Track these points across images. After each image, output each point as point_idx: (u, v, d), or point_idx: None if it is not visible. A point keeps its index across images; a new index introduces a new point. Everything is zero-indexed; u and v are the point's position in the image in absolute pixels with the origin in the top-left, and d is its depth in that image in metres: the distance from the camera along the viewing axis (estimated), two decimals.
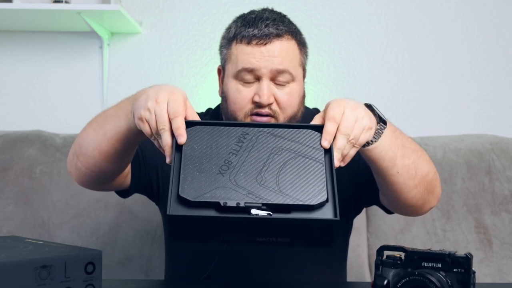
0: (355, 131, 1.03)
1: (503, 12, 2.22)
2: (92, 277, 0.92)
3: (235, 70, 1.31)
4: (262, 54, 1.29)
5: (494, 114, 2.22)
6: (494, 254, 1.89)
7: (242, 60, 1.30)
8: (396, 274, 0.95)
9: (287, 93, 1.31)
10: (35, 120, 2.23)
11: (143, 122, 1.03)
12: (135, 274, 1.87)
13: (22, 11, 1.97)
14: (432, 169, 1.23)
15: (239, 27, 1.32)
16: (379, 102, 2.19)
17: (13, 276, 0.84)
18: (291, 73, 1.31)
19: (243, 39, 1.30)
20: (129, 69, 2.23)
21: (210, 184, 0.94)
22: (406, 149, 1.16)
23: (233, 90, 1.32)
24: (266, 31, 1.29)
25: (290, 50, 1.32)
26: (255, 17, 1.32)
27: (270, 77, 1.30)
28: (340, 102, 1.09)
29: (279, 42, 1.30)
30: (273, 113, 1.31)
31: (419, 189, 1.19)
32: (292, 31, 1.34)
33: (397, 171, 1.14)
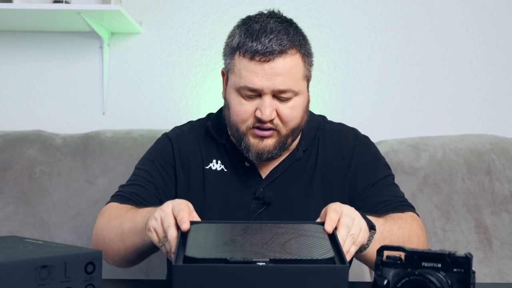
0: (354, 228, 1.07)
1: (503, 12, 2.22)
2: (92, 277, 0.92)
3: (238, 85, 1.31)
4: (264, 72, 1.27)
5: (494, 114, 2.22)
6: (494, 254, 1.89)
7: (245, 77, 1.29)
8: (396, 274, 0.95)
9: (289, 107, 1.31)
10: (35, 120, 2.23)
11: (151, 231, 1.10)
12: (135, 274, 1.87)
13: (22, 11, 1.97)
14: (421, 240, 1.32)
15: (243, 38, 1.30)
16: (379, 102, 2.21)
17: (13, 276, 0.84)
18: (293, 91, 1.30)
19: (246, 53, 1.28)
20: (129, 69, 2.23)
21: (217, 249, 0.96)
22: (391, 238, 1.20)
23: (235, 102, 1.32)
24: (269, 47, 1.27)
25: (293, 67, 1.30)
26: (259, 29, 1.29)
27: (272, 94, 1.30)
28: (339, 204, 1.10)
29: (282, 60, 1.28)
30: (275, 127, 1.31)
31: None
32: (297, 44, 1.31)
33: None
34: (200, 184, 1.40)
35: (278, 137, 1.32)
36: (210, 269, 0.92)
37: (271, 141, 1.32)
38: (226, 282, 0.90)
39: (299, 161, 1.41)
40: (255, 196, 1.36)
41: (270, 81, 1.27)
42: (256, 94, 1.30)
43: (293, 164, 1.40)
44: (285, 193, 1.37)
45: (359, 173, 1.40)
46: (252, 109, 1.30)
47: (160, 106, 2.23)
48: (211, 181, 1.40)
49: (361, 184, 1.39)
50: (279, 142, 1.33)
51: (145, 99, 2.23)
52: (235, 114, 1.33)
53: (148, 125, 2.16)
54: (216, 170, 1.40)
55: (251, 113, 1.30)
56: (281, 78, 1.28)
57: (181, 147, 1.43)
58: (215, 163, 1.41)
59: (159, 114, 2.22)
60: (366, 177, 1.40)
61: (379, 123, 2.21)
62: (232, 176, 1.40)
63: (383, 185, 1.40)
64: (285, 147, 1.35)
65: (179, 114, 2.22)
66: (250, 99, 1.30)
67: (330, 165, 1.41)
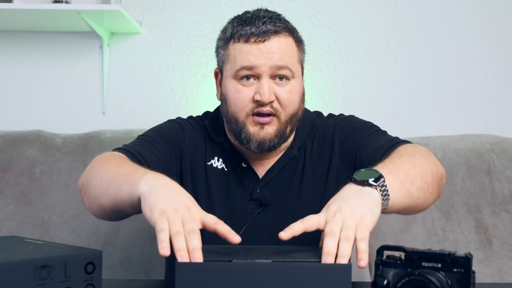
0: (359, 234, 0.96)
1: (503, 12, 2.22)
2: (92, 277, 0.92)
3: (234, 70, 1.30)
4: (260, 52, 1.28)
5: (494, 114, 2.22)
6: (494, 254, 1.88)
7: (241, 59, 1.29)
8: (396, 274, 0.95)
9: (288, 91, 1.31)
10: (35, 120, 2.23)
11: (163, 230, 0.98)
12: (135, 274, 1.88)
13: (22, 11, 1.97)
14: (433, 163, 1.22)
15: (236, 26, 1.31)
16: (379, 102, 2.21)
17: (13, 276, 0.84)
18: (290, 69, 1.31)
19: (240, 37, 1.29)
20: (129, 69, 2.23)
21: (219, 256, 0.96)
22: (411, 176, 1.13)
23: (232, 90, 1.31)
24: (263, 28, 1.28)
25: (289, 47, 1.32)
26: (251, 16, 1.32)
27: (270, 74, 1.29)
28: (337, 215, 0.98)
29: (277, 39, 1.30)
30: (274, 112, 1.30)
31: (435, 190, 1.21)
32: (289, 28, 1.35)
33: (417, 198, 1.15)
34: (204, 179, 1.38)
35: (277, 124, 1.31)
36: (213, 267, 0.92)
37: (271, 129, 1.31)
38: (229, 281, 0.90)
39: (294, 160, 1.40)
40: (252, 197, 1.36)
41: (267, 59, 1.28)
42: (253, 76, 1.29)
43: (288, 163, 1.39)
44: (281, 193, 1.36)
45: (345, 145, 1.38)
46: (250, 94, 1.29)
47: (160, 106, 2.23)
48: (212, 178, 1.39)
49: (351, 153, 1.36)
50: (279, 130, 1.31)
51: (145, 99, 2.23)
52: (233, 103, 1.31)
53: (148, 125, 2.14)
54: (217, 168, 1.40)
55: (250, 98, 1.29)
56: (278, 55, 1.29)
57: (190, 136, 1.42)
58: (216, 160, 1.40)
59: (159, 114, 2.22)
60: (353, 144, 1.37)
61: (379, 123, 2.19)
62: (231, 175, 1.39)
63: (370, 138, 1.37)
64: (284, 136, 1.33)
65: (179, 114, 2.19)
66: (248, 83, 1.29)
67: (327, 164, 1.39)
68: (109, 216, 1.22)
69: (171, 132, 1.41)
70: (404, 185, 1.10)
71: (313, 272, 0.91)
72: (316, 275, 0.90)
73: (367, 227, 0.97)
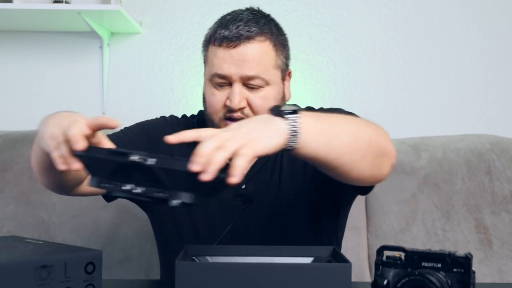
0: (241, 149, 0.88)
1: (503, 12, 2.22)
2: (92, 277, 0.92)
3: (209, 74, 1.31)
4: (232, 58, 1.27)
5: (494, 114, 2.22)
6: (494, 254, 1.89)
7: (215, 64, 1.29)
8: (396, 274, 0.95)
9: (260, 97, 1.29)
10: (35, 120, 2.22)
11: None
12: (135, 274, 1.87)
13: (22, 11, 1.97)
14: (374, 131, 1.13)
15: (214, 28, 1.31)
16: (379, 102, 2.21)
17: (13, 276, 0.84)
18: (263, 78, 1.28)
19: (215, 41, 1.29)
20: (129, 69, 2.23)
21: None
22: (338, 129, 1.04)
23: (208, 93, 1.32)
24: (236, 33, 1.27)
25: (263, 53, 1.29)
26: (230, 18, 1.30)
27: (241, 82, 1.28)
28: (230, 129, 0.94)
29: (250, 45, 1.27)
30: (245, 117, 1.28)
31: (368, 158, 1.08)
32: (267, 31, 1.30)
33: (339, 153, 1.02)
34: None
35: None
36: (213, 267, 0.92)
37: None
38: (229, 280, 0.90)
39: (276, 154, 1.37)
40: (237, 193, 1.35)
41: (238, 67, 1.26)
42: (226, 82, 1.29)
43: (271, 158, 1.37)
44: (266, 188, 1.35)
45: None
46: (223, 98, 1.29)
47: (160, 106, 2.23)
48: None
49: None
50: None
51: (145, 99, 2.23)
52: (209, 106, 1.32)
53: None
54: None
55: (222, 103, 1.29)
56: (249, 64, 1.27)
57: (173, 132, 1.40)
58: None
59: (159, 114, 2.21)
60: None
61: (379, 123, 2.20)
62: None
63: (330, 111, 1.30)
64: None
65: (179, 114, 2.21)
66: (221, 88, 1.29)
67: None
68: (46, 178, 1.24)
69: (151, 125, 1.44)
70: (325, 133, 1.00)
71: (313, 272, 0.91)
72: (316, 275, 0.90)
73: (254, 148, 0.90)
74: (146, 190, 0.86)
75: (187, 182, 0.84)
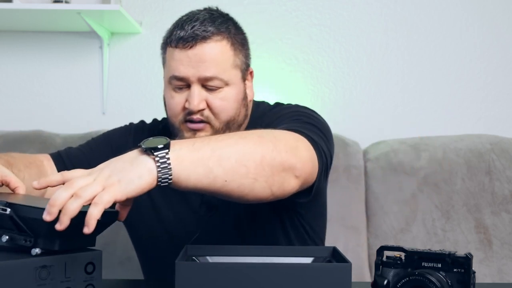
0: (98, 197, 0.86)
1: (503, 12, 2.22)
2: (92, 277, 0.92)
3: (168, 77, 1.29)
4: (189, 60, 1.25)
5: (494, 114, 2.22)
6: (494, 254, 1.89)
7: (172, 66, 1.27)
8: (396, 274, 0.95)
9: (220, 98, 1.27)
10: (35, 120, 2.23)
11: None
12: (135, 274, 1.87)
13: (22, 11, 1.97)
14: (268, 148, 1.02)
15: (171, 29, 1.29)
16: (379, 102, 2.21)
17: (13, 276, 0.84)
18: (221, 79, 1.26)
19: (171, 42, 1.27)
20: (129, 69, 2.23)
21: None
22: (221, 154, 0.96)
23: (168, 96, 1.31)
24: (191, 33, 1.24)
25: (219, 53, 1.26)
26: (186, 19, 1.28)
27: (200, 83, 1.26)
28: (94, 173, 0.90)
29: (206, 45, 1.25)
30: (205, 119, 1.27)
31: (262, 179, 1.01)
32: (223, 31, 1.27)
33: (224, 180, 0.96)
34: None
35: (211, 130, 1.28)
36: (213, 267, 0.92)
37: (204, 135, 1.27)
38: (229, 280, 0.90)
39: None
40: (203, 200, 1.33)
41: (195, 68, 1.24)
42: (185, 84, 1.27)
43: None
44: None
45: None
46: (182, 101, 1.27)
47: (160, 106, 2.21)
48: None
49: None
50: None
51: (145, 99, 2.23)
52: (169, 109, 1.31)
53: None
54: None
55: (182, 106, 1.27)
56: (205, 64, 1.24)
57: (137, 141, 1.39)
58: None
59: (159, 114, 2.22)
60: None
61: (379, 123, 2.21)
62: None
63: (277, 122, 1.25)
64: None
65: None
66: (180, 90, 1.28)
67: None
68: None
69: (116, 134, 1.43)
70: (204, 162, 0.94)
71: (313, 272, 0.91)
72: (316, 275, 0.90)
73: (112, 194, 0.86)
74: (10, 238, 0.88)
75: (49, 228, 0.84)
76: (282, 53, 2.21)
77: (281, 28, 2.20)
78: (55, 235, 0.86)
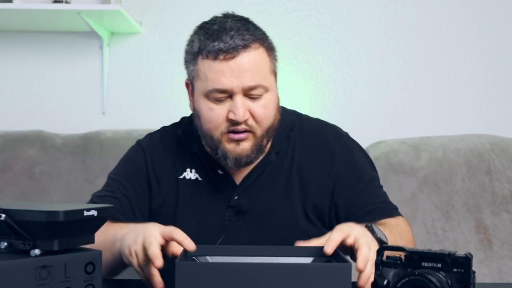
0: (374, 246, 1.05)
1: (503, 12, 2.22)
2: (92, 277, 0.92)
3: (206, 90, 1.25)
4: (231, 70, 1.22)
5: (494, 114, 2.22)
6: (494, 254, 1.89)
7: (212, 79, 1.24)
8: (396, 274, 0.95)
9: (262, 105, 1.26)
10: (35, 120, 2.23)
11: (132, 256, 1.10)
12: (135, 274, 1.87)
13: (22, 11, 1.97)
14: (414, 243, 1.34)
15: (203, 40, 1.26)
16: (379, 102, 2.21)
17: (13, 276, 0.84)
18: (263, 86, 1.26)
19: (209, 54, 1.24)
20: (129, 69, 2.23)
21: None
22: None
23: (205, 109, 1.27)
24: (232, 43, 1.22)
25: (259, 60, 1.26)
26: (218, 29, 1.25)
27: (243, 93, 1.25)
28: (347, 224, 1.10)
29: (247, 54, 1.23)
30: (250, 128, 1.26)
31: None
32: (259, 37, 1.27)
33: None
34: (174, 195, 1.36)
35: (254, 139, 1.27)
36: (213, 267, 0.93)
37: (247, 144, 1.27)
38: (229, 280, 0.90)
39: (272, 165, 1.35)
40: (230, 204, 1.33)
41: (238, 79, 1.22)
42: (226, 95, 1.24)
43: (266, 169, 1.35)
44: (260, 200, 1.33)
45: (343, 181, 1.35)
46: (224, 112, 1.25)
47: (160, 106, 2.23)
48: (185, 191, 1.35)
49: (345, 194, 1.34)
50: (256, 145, 1.28)
51: (145, 99, 2.23)
52: (206, 122, 1.27)
53: (148, 125, 2.16)
54: (191, 180, 1.36)
55: (224, 117, 1.25)
56: (249, 73, 1.23)
57: (154, 157, 1.39)
58: (189, 172, 1.37)
59: (159, 114, 2.22)
60: (351, 186, 1.35)
61: (379, 123, 2.21)
62: (207, 185, 1.35)
63: (369, 191, 1.36)
64: (261, 149, 1.30)
65: (179, 114, 2.20)
66: (220, 102, 1.25)
67: (308, 169, 1.35)
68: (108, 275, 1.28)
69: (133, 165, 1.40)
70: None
71: (313, 272, 0.91)
72: (316, 274, 0.90)
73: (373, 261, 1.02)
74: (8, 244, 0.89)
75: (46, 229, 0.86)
76: (282, 53, 2.19)
77: (281, 28, 2.20)
78: (53, 235, 0.87)
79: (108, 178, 1.42)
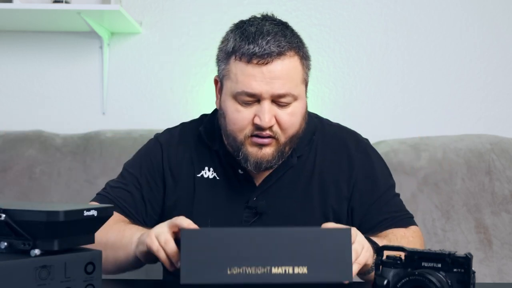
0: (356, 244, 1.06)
1: (503, 12, 2.22)
2: (92, 277, 0.92)
3: (235, 91, 1.25)
4: (263, 76, 1.22)
5: (494, 114, 2.22)
6: (494, 254, 1.89)
7: (243, 82, 1.23)
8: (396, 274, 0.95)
9: (288, 113, 1.26)
10: (35, 120, 2.23)
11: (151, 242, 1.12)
12: (135, 274, 1.87)
13: (22, 11, 1.97)
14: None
15: (238, 41, 1.24)
16: (379, 102, 2.21)
17: (13, 276, 0.84)
18: (292, 95, 1.25)
19: (242, 57, 1.23)
20: (129, 69, 2.23)
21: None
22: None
23: (231, 110, 1.26)
24: (267, 49, 1.21)
25: (292, 69, 1.25)
26: (255, 32, 1.24)
27: (271, 99, 1.24)
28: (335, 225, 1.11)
29: (280, 62, 1.23)
30: (274, 135, 1.26)
31: None
32: (295, 46, 1.26)
33: None
34: (190, 192, 1.36)
35: (276, 145, 1.27)
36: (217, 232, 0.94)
37: (269, 150, 1.27)
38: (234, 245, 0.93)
39: (293, 168, 1.36)
40: (248, 205, 1.33)
41: (269, 85, 1.22)
42: (254, 99, 1.24)
43: (287, 172, 1.35)
44: (279, 202, 1.33)
45: (360, 187, 1.36)
46: (250, 116, 1.25)
47: (160, 106, 2.23)
48: (202, 189, 1.36)
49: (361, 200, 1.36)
50: (278, 151, 1.28)
51: (145, 99, 2.23)
52: (232, 123, 1.27)
53: (148, 125, 2.17)
54: (208, 178, 1.36)
55: (249, 120, 1.25)
56: (280, 81, 1.22)
57: (171, 154, 1.39)
58: (207, 170, 1.37)
59: (159, 114, 2.22)
60: (367, 193, 1.36)
61: (379, 123, 2.21)
62: (225, 184, 1.35)
63: (385, 200, 1.36)
64: (283, 156, 1.30)
65: (179, 114, 2.22)
66: (248, 105, 1.25)
67: (329, 174, 1.36)
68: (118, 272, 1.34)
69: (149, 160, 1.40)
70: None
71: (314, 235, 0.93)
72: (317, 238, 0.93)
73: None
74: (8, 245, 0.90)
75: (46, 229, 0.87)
76: None
77: None
78: (53, 235, 0.87)
79: (123, 169, 1.43)
